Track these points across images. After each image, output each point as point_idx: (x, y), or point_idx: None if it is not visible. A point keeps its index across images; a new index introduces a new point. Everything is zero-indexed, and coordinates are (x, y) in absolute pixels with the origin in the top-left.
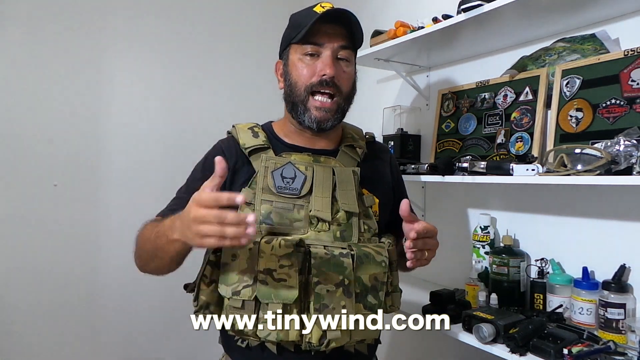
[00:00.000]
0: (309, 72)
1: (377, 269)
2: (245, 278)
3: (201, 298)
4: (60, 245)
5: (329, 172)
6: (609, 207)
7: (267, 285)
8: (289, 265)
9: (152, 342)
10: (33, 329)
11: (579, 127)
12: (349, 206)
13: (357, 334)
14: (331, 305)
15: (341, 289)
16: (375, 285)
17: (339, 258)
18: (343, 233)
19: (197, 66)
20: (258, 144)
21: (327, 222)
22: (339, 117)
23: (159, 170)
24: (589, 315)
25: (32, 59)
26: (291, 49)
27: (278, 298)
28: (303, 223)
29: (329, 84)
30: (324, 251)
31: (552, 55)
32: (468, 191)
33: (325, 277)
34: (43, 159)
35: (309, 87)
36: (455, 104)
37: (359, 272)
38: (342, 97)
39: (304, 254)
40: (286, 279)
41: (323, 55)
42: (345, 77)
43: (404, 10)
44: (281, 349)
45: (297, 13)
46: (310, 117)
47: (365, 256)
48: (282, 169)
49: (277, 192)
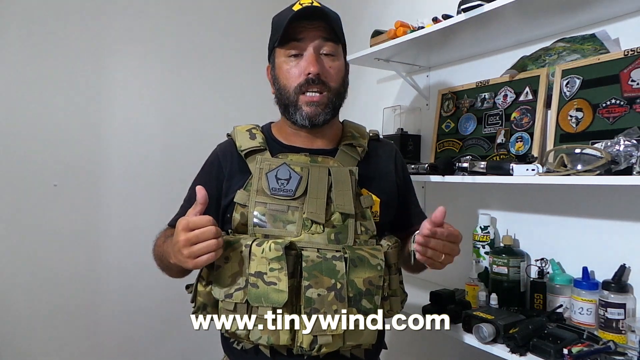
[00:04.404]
0: (295, 73)
1: (372, 272)
2: (238, 281)
3: (198, 299)
4: (60, 245)
5: (324, 172)
6: (609, 207)
7: (258, 289)
8: (278, 269)
9: (153, 343)
10: (32, 328)
11: (579, 127)
12: (345, 207)
13: (350, 338)
14: (322, 309)
15: (333, 293)
16: (370, 290)
17: (332, 261)
18: (338, 235)
19: (197, 67)
20: (254, 146)
21: (321, 225)
22: (330, 112)
23: (158, 170)
24: (589, 315)
25: (32, 59)
26: (276, 53)
27: (268, 301)
28: (297, 225)
29: (315, 81)
30: (316, 254)
31: (552, 55)
32: (468, 191)
33: (316, 281)
34: (43, 159)
35: (297, 88)
36: (455, 104)
37: (352, 275)
38: (332, 93)
39: (295, 257)
40: (276, 283)
41: (306, 54)
42: (332, 72)
43: (404, 10)
44: (274, 352)
45: (277, 14)
46: (302, 114)
47: (359, 259)
48: (277, 170)
49: (271, 194)
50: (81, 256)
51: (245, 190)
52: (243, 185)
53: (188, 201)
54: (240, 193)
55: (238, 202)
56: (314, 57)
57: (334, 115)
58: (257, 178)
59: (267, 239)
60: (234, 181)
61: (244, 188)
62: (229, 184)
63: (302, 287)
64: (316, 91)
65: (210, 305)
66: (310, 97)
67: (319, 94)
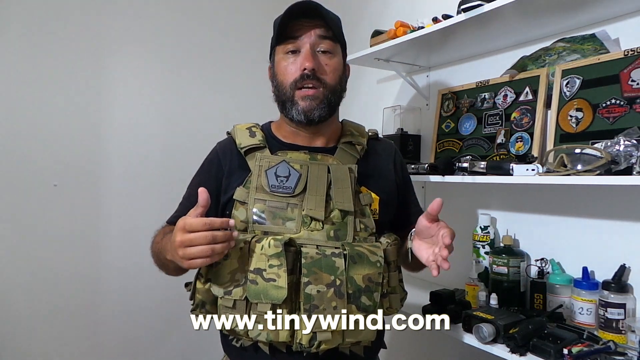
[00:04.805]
0: (292, 69)
1: (372, 269)
2: (237, 277)
3: (197, 297)
4: (60, 245)
5: (324, 169)
6: (609, 207)
7: (257, 285)
8: (278, 265)
9: (153, 343)
10: (32, 328)
11: (579, 127)
12: (344, 205)
13: (350, 335)
14: (321, 306)
15: (332, 289)
16: (370, 286)
17: (331, 258)
18: (337, 232)
19: (197, 67)
20: (254, 144)
21: (320, 221)
22: (326, 108)
23: (158, 170)
24: (589, 315)
25: (32, 59)
26: (276, 51)
27: (267, 298)
28: (296, 222)
29: (310, 76)
30: (315, 251)
31: (552, 55)
32: (468, 191)
33: (316, 278)
34: (43, 159)
35: (293, 84)
36: (455, 104)
37: (351, 272)
38: (327, 89)
39: (294, 254)
40: (275, 279)
41: (302, 50)
42: (328, 69)
43: (404, 10)
44: (274, 349)
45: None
46: (297, 109)
47: (358, 256)
48: (276, 168)
49: (271, 191)
50: (81, 256)
51: (244, 187)
52: (242, 182)
53: (187, 199)
54: (240, 190)
55: (237, 199)
56: (310, 53)
57: (331, 113)
58: (256, 175)
59: (267, 235)
60: (233, 178)
61: (244, 185)
62: (229, 181)
63: (302, 283)
64: (311, 86)
65: (209, 303)
66: (305, 91)
67: (314, 89)
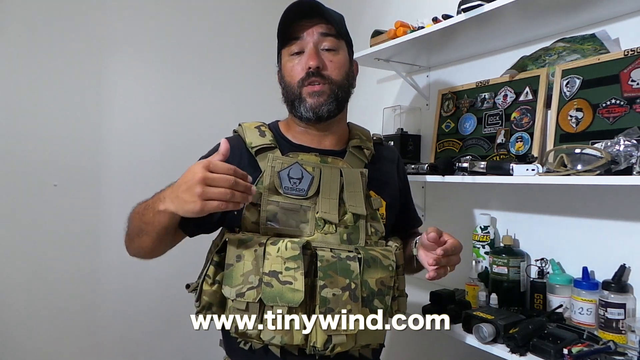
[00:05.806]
0: (298, 69)
1: (384, 273)
2: (250, 280)
3: (204, 299)
4: (60, 245)
5: (336, 173)
6: (609, 207)
7: (272, 288)
8: (294, 268)
9: (153, 343)
10: (32, 328)
11: (579, 127)
12: (357, 208)
13: (362, 338)
14: (337, 309)
15: (347, 292)
16: (382, 290)
17: (346, 261)
18: (350, 236)
19: (198, 68)
20: (265, 144)
21: (334, 225)
22: (334, 103)
23: (158, 170)
24: (589, 315)
25: (32, 60)
26: (282, 55)
27: (283, 301)
28: (309, 225)
29: (315, 74)
30: (330, 254)
31: (552, 55)
32: (468, 191)
33: (331, 281)
34: (43, 159)
35: (300, 82)
36: (455, 104)
37: (365, 276)
38: (334, 85)
39: (310, 257)
40: (292, 282)
41: (306, 50)
42: (333, 66)
43: (404, 10)
44: (285, 352)
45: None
46: (305, 105)
47: (372, 260)
48: (290, 169)
49: (284, 193)
50: (81, 256)
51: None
52: (253, 182)
53: None
54: None
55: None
56: (314, 51)
57: (340, 109)
58: (268, 176)
59: (281, 238)
60: None
61: (255, 185)
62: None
63: (318, 286)
64: (317, 83)
65: (216, 305)
66: (312, 87)
67: (320, 85)
